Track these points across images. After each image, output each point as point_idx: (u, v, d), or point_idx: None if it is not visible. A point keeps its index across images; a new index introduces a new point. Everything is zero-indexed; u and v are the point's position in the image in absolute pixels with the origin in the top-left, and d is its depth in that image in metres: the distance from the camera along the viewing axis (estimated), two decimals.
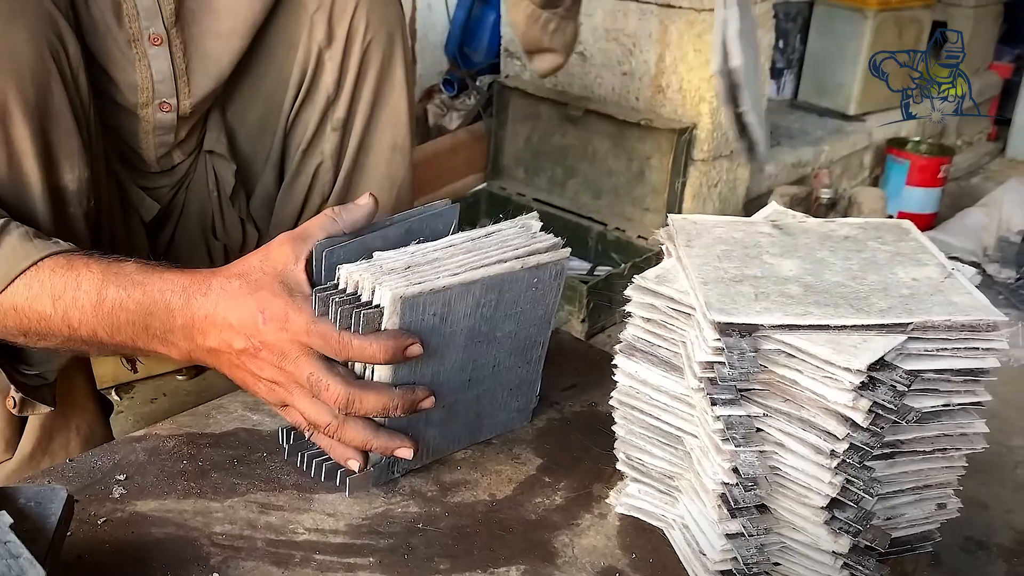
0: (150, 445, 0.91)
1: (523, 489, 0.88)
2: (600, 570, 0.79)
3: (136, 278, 0.83)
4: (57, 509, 0.67)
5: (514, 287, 0.84)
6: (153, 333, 0.83)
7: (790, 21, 3.02)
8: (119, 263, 0.85)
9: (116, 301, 0.83)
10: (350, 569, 0.77)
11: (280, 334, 0.78)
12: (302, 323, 0.77)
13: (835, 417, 0.68)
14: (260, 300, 0.78)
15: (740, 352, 0.68)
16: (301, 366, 0.78)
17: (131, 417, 1.61)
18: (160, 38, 1.03)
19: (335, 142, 1.16)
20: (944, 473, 0.75)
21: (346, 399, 0.77)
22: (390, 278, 0.77)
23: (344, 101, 1.14)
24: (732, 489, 0.71)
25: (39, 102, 0.89)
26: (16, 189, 0.90)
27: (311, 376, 0.78)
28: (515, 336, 0.89)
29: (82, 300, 0.83)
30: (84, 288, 0.83)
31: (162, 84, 1.06)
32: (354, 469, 0.84)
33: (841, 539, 0.72)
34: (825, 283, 0.74)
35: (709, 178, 2.29)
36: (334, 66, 1.12)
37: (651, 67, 2.25)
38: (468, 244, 0.85)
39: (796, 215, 0.87)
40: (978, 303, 0.72)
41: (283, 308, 0.78)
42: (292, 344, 0.78)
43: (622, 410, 0.82)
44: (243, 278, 0.80)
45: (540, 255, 0.85)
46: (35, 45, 0.88)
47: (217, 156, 1.16)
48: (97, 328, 0.84)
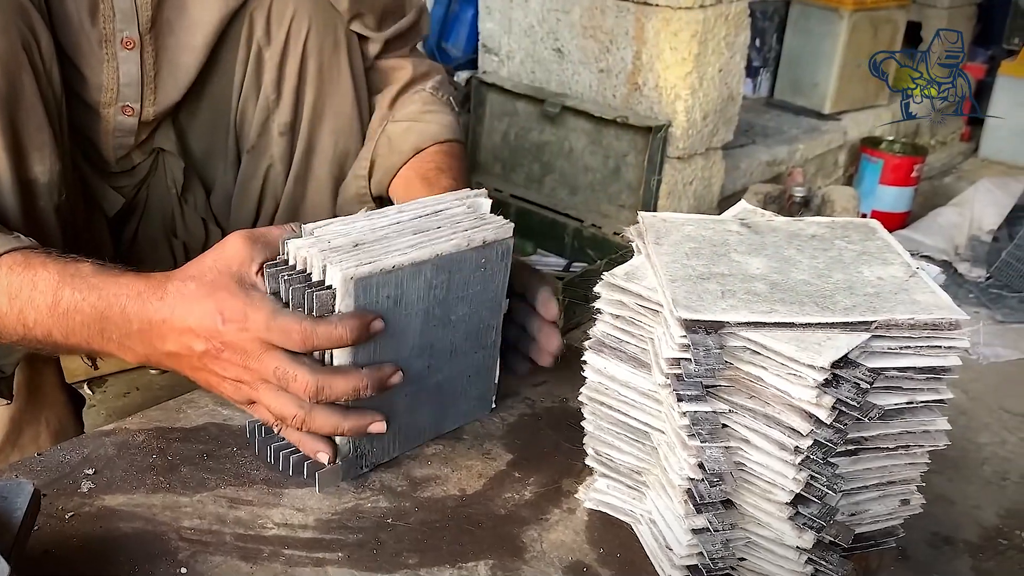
0: (119, 439, 0.90)
1: (493, 484, 0.89)
2: (568, 564, 0.80)
3: (92, 281, 0.82)
4: (23, 503, 0.67)
5: (463, 267, 0.85)
6: (108, 337, 0.83)
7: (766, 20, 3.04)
8: (76, 264, 0.84)
9: (71, 303, 0.82)
10: (319, 564, 0.77)
11: (241, 334, 0.77)
12: (261, 320, 0.77)
13: (799, 414, 0.69)
14: (218, 301, 0.78)
15: (706, 349, 0.69)
16: (265, 362, 0.78)
17: (103, 411, 1.60)
18: (133, 42, 1.02)
19: (283, 146, 1.15)
20: (907, 470, 0.76)
21: (315, 386, 0.77)
22: (339, 256, 0.77)
23: (287, 105, 1.13)
24: (698, 484, 0.72)
25: (9, 93, 0.89)
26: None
27: (277, 370, 0.77)
28: (469, 320, 0.89)
29: (38, 300, 0.82)
30: (40, 288, 0.82)
31: (128, 88, 1.05)
32: (324, 461, 0.84)
33: (805, 535, 0.72)
34: (791, 281, 0.75)
35: (684, 175, 2.30)
36: (273, 66, 1.11)
37: (628, 64, 2.26)
38: (416, 222, 0.85)
39: (765, 213, 0.88)
40: (941, 302, 0.73)
41: (241, 307, 0.77)
42: (253, 342, 0.77)
43: (591, 406, 0.82)
44: (198, 280, 0.80)
45: (486, 232, 0.85)
46: (7, 36, 0.88)
47: (168, 154, 1.15)
48: (52, 329, 0.83)
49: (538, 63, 2.45)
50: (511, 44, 2.51)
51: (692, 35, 2.12)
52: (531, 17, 2.42)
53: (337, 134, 1.15)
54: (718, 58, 2.21)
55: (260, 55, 1.11)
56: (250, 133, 1.15)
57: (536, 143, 2.43)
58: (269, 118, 1.14)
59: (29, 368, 1.07)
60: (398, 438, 0.90)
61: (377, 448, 0.88)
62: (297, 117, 1.14)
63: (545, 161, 2.43)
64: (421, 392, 0.89)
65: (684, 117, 2.21)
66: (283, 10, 1.09)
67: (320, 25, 1.10)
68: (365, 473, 0.88)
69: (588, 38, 2.32)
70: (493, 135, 2.51)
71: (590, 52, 2.33)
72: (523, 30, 2.45)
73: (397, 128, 1.16)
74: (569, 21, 2.34)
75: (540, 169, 2.44)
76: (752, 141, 2.73)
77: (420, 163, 1.13)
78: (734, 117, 2.37)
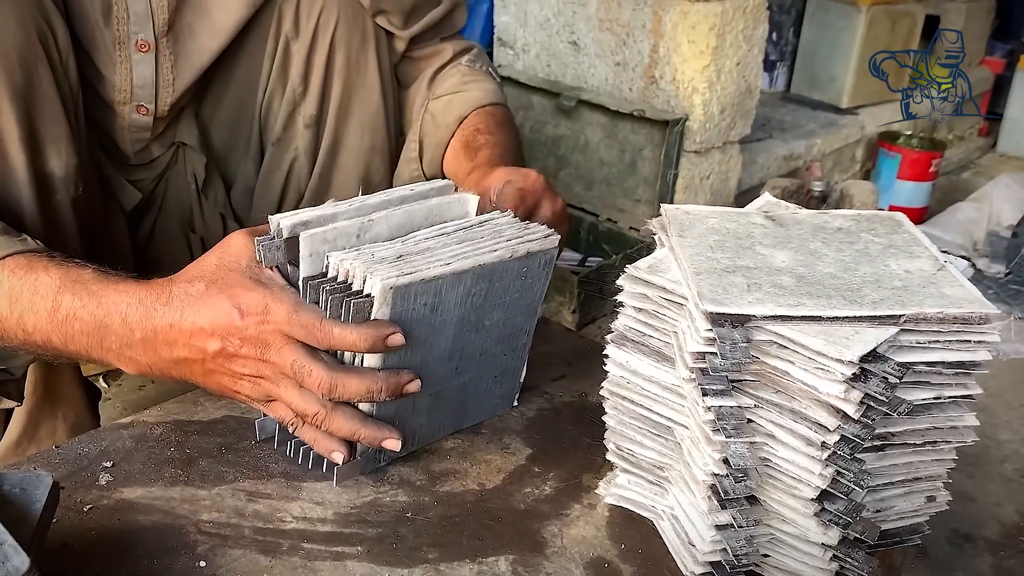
0: (137, 432, 0.90)
1: (512, 479, 0.88)
2: (589, 560, 0.79)
3: (92, 287, 0.80)
4: (42, 496, 0.66)
5: (504, 276, 0.84)
6: (108, 347, 0.81)
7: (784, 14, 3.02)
8: (78, 269, 0.82)
9: (70, 310, 0.80)
10: (338, 558, 0.77)
11: (262, 326, 0.76)
12: (283, 312, 0.76)
13: (826, 408, 0.68)
14: (233, 297, 0.77)
15: (732, 342, 0.68)
16: (285, 355, 0.77)
17: (119, 404, 1.60)
18: (148, 45, 1.02)
19: (308, 139, 1.14)
20: (934, 466, 0.75)
21: (329, 383, 0.76)
22: (381, 267, 0.77)
23: (314, 97, 1.13)
24: (722, 480, 0.71)
25: (26, 86, 0.88)
26: (1, 174, 0.89)
27: (295, 363, 0.77)
28: (503, 325, 0.88)
29: (38, 305, 0.81)
30: (41, 293, 0.80)
31: (142, 89, 1.04)
32: (338, 461, 0.83)
33: (831, 531, 0.71)
34: (818, 274, 0.74)
35: (701, 170, 2.29)
36: (300, 59, 1.11)
37: (644, 57, 2.25)
38: (460, 233, 0.84)
39: (789, 206, 0.87)
40: (970, 296, 0.72)
41: (262, 300, 0.76)
42: (274, 334, 0.77)
43: (612, 400, 0.81)
44: (205, 279, 0.78)
45: (530, 243, 0.84)
46: (23, 28, 0.87)
47: (189, 148, 1.15)
48: (51, 335, 0.81)
49: (554, 56, 2.44)
50: (527, 37, 2.50)
51: (710, 28, 2.11)
52: (547, 10, 2.41)
53: (364, 127, 1.15)
54: (736, 51, 2.19)
55: (288, 48, 1.11)
56: (275, 126, 1.14)
57: (551, 137, 2.42)
58: (295, 110, 1.13)
59: (45, 363, 1.07)
60: (418, 434, 0.89)
61: None
62: (324, 110, 1.14)
63: (560, 155, 2.42)
64: (446, 392, 0.88)
65: (701, 111, 2.19)
66: (312, 3, 1.09)
67: (349, 18, 1.10)
68: (383, 467, 0.88)
69: (604, 31, 2.31)
70: None
71: (606, 45, 2.32)
72: (539, 23, 2.44)
73: (438, 104, 1.16)
74: (585, 14, 2.33)
75: (555, 163, 2.43)
76: (769, 135, 2.72)
77: (463, 131, 1.13)
78: (751, 111, 2.35)
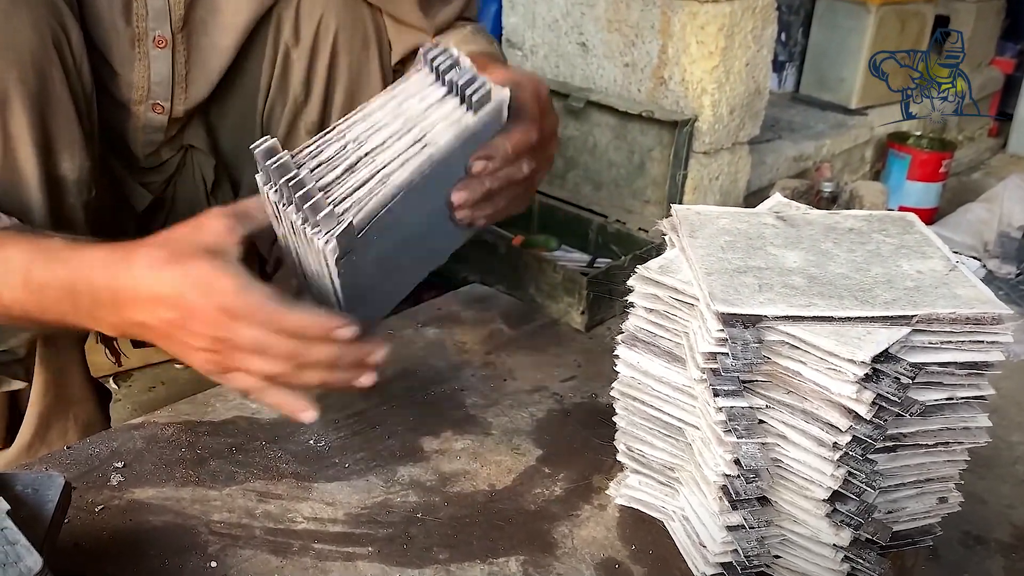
0: (148, 433, 0.90)
1: (522, 480, 0.88)
2: (600, 561, 0.79)
3: (62, 255, 0.80)
4: (54, 496, 0.67)
5: (457, 158, 0.77)
6: (80, 310, 0.80)
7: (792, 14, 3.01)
8: (47, 239, 0.82)
9: (43, 279, 0.80)
10: (349, 558, 0.77)
11: (206, 300, 0.75)
12: (229, 290, 0.74)
13: (838, 409, 0.67)
14: (185, 268, 0.75)
15: (743, 343, 0.68)
16: (237, 331, 0.75)
17: (129, 405, 1.60)
18: (165, 41, 1.02)
19: None
20: (946, 467, 0.75)
21: (291, 351, 0.74)
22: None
23: (316, 104, 1.11)
24: (733, 481, 0.71)
25: (39, 90, 0.88)
26: (11, 177, 0.89)
27: (254, 338, 0.74)
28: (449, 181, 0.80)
29: (11, 279, 0.80)
30: (12, 267, 0.80)
31: (159, 86, 1.05)
32: (309, 420, 0.79)
33: (842, 532, 0.71)
34: (829, 275, 0.74)
35: (710, 171, 2.28)
36: (301, 67, 1.10)
37: (653, 58, 2.24)
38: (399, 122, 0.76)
39: (800, 207, 0.87)
40: (983, 296, 0.71)
41: (209, 274, 0.74)
42: (220, 311, 0.74)
43: (623, 401, 0.81)
44: (168, 247, 0.77)
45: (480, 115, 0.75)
46: (37, 32, 0.87)
47: (198, 151, 1.15)
48: (28, 306, 0.81)
49: (562, 57, 2.44)
50: (535, 38, 2.50)
51: (719, 28, 2.10)
52: (555, 11, 2.41)
53: None
54: (745, 52, 2.19)
55: (288, 55, 1.10)
56: (279, 133, 1.14)
57: (560, 138, 2.41)
58: (297, 118, 1.13)
59: (55, 364, 1.07)
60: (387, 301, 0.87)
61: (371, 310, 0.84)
62: (326, 116, 1.13)
63: (569, 156, 2.41)
64: (403, 257, 0.83)
65: (710, 111, 2.19)
66: (312, 9, 1.08)
67: (349, 24, 1.09)
68: (393, 469, 0.88)
69: (613, 32, 2.30)
70: None
71: (615, 46, 2.32)
72: (547, 24, 2.44)
73: (445, 39, 1.12)
74: (594, 15, 2.32)
75: (563, 164, 2.43)
76: (778, 136, 2.71)
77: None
78: (760, 111, 2.35)
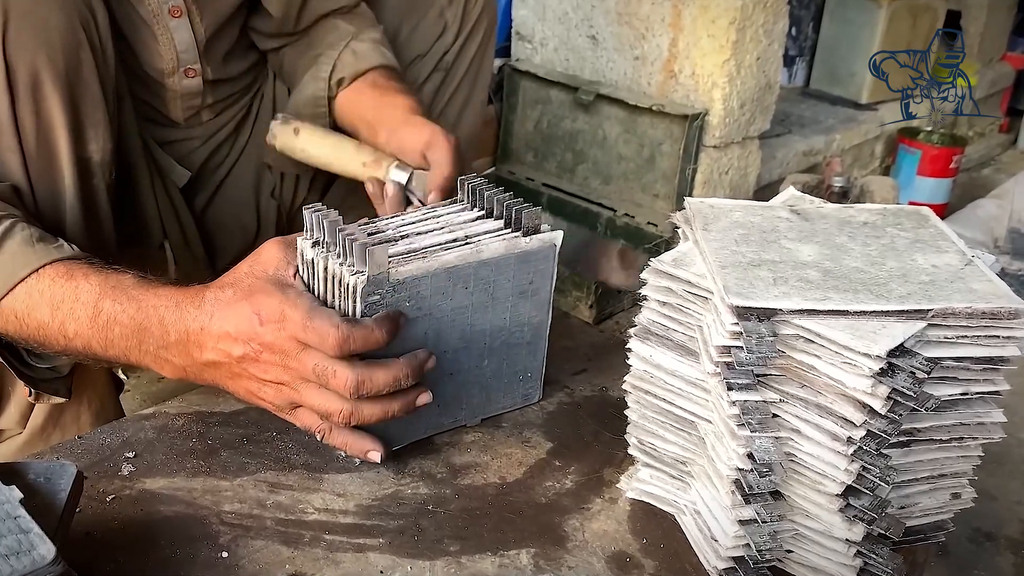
0: (159, 423, 0.90)
1: (533, 472, 0.88)
2: (611, 555, 0.79)
3: (132, 292, 0.83)
4: (66, 485, 0.67)
5: (505, 270, 0.86)
6: (146, 350, 0.83)
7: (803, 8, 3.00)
8: (118, 275, 0.85)
9: (111, 315, 0.82)
10: (360, 549, 0.77)
11: (279, 332, 0.77)
12: (298, 319, 0.76)
13: (853, 403, 0.67)
14: (254, 303, 0.78)
15: (758, 336, 0.67)
16: (304, 360, 0.77)
17: (139, 396, 1.60)
18: (180, 10, 1.04)
19: (436, 82, 1.26)
20: (959, 463, 0.75)
21: (356, 381, 0.76)
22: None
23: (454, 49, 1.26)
24: (746, 475, 0.70)
25: (69, 72, 0.89)
26: (45, 160, 0.90)
27: (316, 367, 0.77)
28: (509, 315, 0.90)
29: (79, 312, 0.83)
30: (82, 300, 0.83)
31: (186, 53, 1.08)
32: (376, 460, 0.83)
33: (855, 527, 0.71)
34: (844, 268, 0.73)
35: (720, 165, 2.27)
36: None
37: (663, 52, 2.24)
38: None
39: (814, 200, 0.86)
40: (999, 290, 0.71)
41: (278, 307, 0.77)
42: (290, 341, 0.77)
43: (635, 394, 0.81)
44: (235, 286, 0.80)
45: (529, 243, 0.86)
46: (66, 15, 0.88)
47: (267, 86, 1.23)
48: (91, 340, 0.83)
49: (572, 50, 2.43)
50: (545, 31, 2.49)
51: (730, 22, 2.09)
52: (565, 4, 2.40)
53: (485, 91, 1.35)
54: (756, 46, 2.18)
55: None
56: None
57: (569, 131, 2.41)
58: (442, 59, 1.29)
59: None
60: (437, 420, 0.90)
61: (417, 427, 0.89)
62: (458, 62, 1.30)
63: (578, 150, 2.41)
64: (458, 376, 0.89)
65: (721, 105, 2.18)
66: None
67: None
68: (404, 460, 0.87)
69: (623, 25, 2.30)
70: (526, 123, 2.49)
71: (625, 39, 2.31)
72: (557, 17, 2.43)
73: (362, 45, 1.19)
74: (604, 8, 2.32)
75: (573, 158, 2.42)
76: (788, 131, 2.70)
77: (377, 74, 1.18)
78: (771, 106, 2.34)
